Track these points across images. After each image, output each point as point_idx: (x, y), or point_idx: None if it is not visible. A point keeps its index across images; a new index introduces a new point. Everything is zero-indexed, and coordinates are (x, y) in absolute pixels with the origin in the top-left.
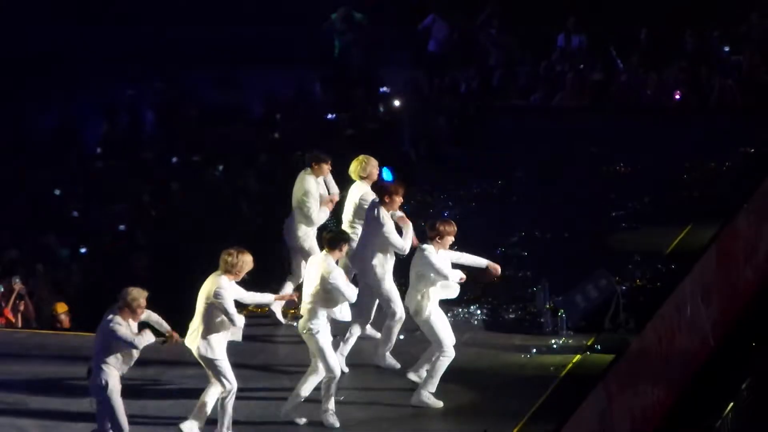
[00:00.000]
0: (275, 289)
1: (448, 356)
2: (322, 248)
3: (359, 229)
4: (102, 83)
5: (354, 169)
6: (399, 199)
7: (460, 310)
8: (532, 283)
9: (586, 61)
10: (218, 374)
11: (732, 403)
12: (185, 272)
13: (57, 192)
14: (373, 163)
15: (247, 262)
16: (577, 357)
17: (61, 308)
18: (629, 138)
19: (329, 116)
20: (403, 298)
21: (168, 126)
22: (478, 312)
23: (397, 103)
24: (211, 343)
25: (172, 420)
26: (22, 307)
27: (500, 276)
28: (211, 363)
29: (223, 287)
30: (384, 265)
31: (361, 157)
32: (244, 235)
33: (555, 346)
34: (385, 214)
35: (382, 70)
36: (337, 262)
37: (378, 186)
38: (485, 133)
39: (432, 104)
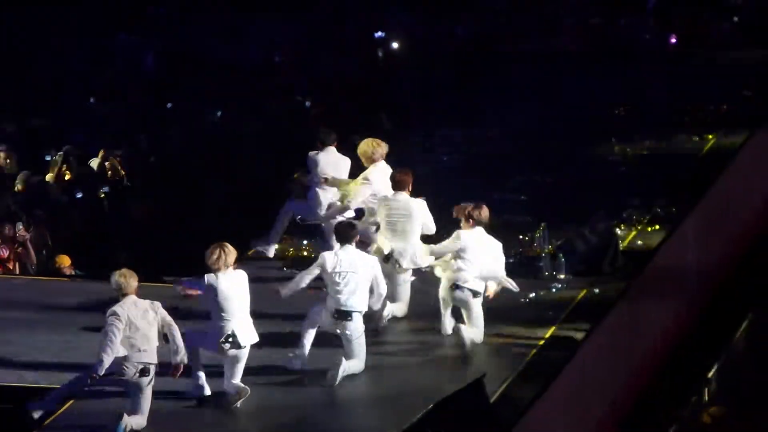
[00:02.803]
0: None
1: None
2: None
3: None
4: (100, 29)
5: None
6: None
7: None
8: (530, 227)
9: (585, 6)
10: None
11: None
12: (184, 219)
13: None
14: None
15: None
16: (577, 298)
17: (65, 261)
18: (628, 81)
19: (325, 63)
20: None
21: (167, 72)
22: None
23: (395, 45)
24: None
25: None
26: (22, 254)
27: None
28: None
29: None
30: None
31: (371, 140)
32: (244, 182)
33: (554, 289)
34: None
35: (379, 14)
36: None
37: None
38: (483, 78)
39: (430, 49)
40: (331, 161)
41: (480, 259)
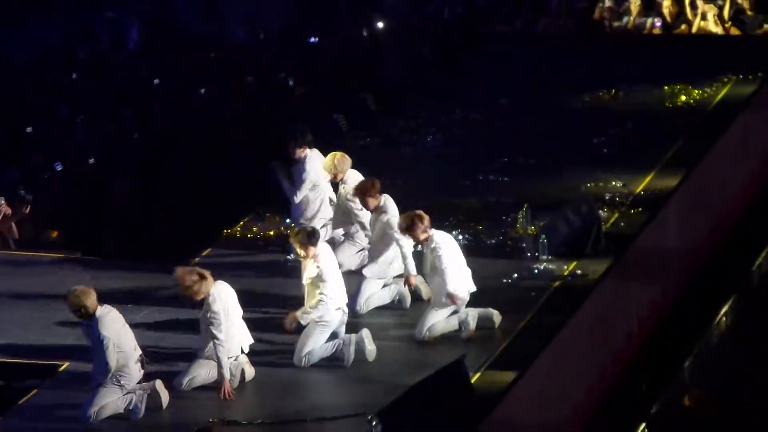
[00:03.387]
0: None
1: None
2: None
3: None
4: (83, 6)
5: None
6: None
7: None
8: (513, 208)
9: None
10: None
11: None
12: (166, 197)
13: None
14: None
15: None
16: (559, 281)
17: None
18: (613, 65)
19: (311, 40)
20: None
21: (151, 48)
22: (460, 237)
23: (380, 25)
24: None
25: None
26: (3, 229)
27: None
28: None
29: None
30: None
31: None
32: (228, 157)
33: (536, 271)
34: None
35: None
36: None
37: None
38: (469, 59)
39: (416, 30)
40: (318, 167)
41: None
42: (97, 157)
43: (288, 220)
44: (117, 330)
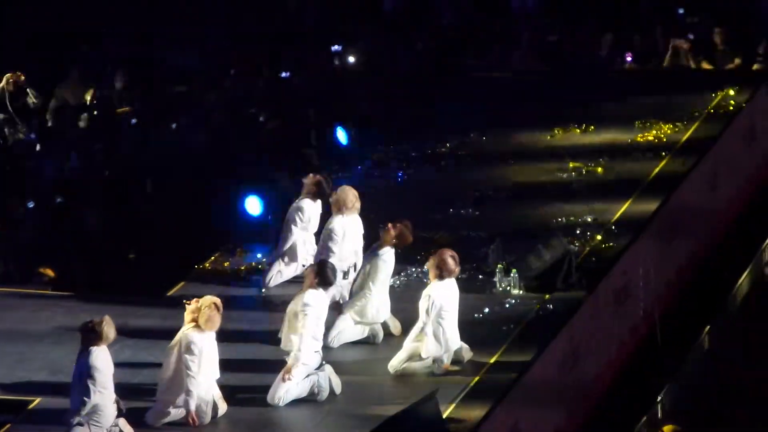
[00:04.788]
0: None
1: None
2: None
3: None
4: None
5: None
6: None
7: (414, 269)
8: (484, 242)
9: (542, 22)
10: None
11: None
12: (137, 231)
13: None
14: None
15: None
16: (531, 315)
17: (47, 271)
18: (583, 98)
19: (283, 74)
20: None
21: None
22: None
23: (351, 59)
24: None
25: None
26: None
27: None
28: None
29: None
30: None
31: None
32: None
33: (507, 305)
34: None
35: (336, 27)
36: None
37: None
38: (440, 92)
39: (387, 63)
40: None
41: None
42: (67, 192)
43: (260, 256)
44: (106, 370)
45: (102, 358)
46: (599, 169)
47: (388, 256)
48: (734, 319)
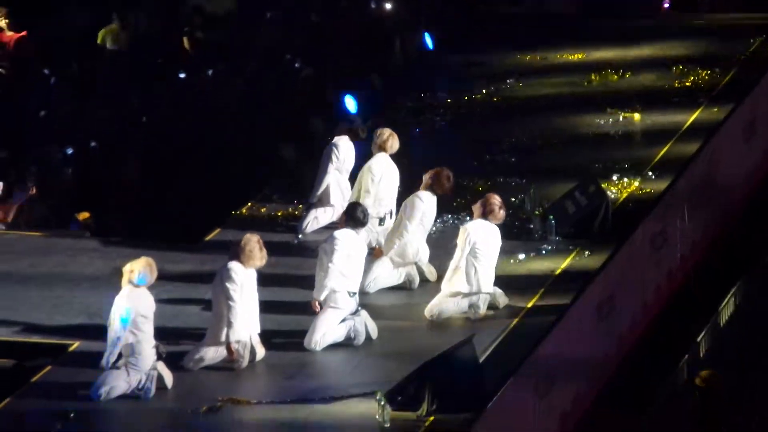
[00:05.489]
0: None
1: None
2: None
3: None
4: None
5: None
6: None
7: (450, 216)
8: (521, 189)
9: None
10: None
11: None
12: (175, 178)
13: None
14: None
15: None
16: (567, 262)
17: (85, 216)
18: (621, 43)
19: (316, 20)
20: None
21: (159, 30)
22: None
23: (388, 6)
24: None
25: None
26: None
27: None
28: None
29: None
30: None
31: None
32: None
33: (544, 252)
34: None
35: None
36: None
37: None
38: (475, 38)
39: (422, 9)
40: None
41: None
42: (105, 140)
43: (296, 202)
44: (143, 311)
45: (132, 297)
46: (636, 115)
47: (426, 197)
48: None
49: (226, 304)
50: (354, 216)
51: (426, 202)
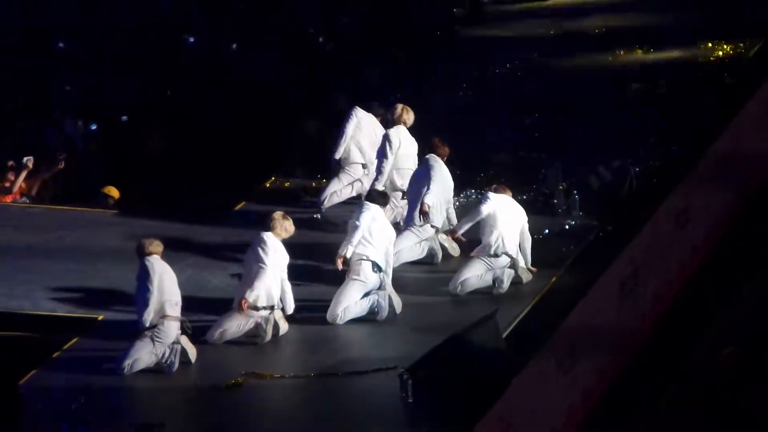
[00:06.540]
0: None
1: None
2: None
3: None
4: None
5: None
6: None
7: (473, 191)
8: (544, 164)
9: None
10: None
11: None
12: (201, 151)
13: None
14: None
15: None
16: (591, 236)
17: (112, 191)
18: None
19: None
20: None
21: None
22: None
23: None
24: None
25: None
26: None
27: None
28: None
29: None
30: None
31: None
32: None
33: (567, 227)
34: None
35: None
36: None
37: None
38: (500, 12)
39: None
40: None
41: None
42: (130, 113)
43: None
44: (161, 278)
45: (152, 267)
46: (661, 90)
47: (437, 163)
48: None
49: (256, 267)
50: (373, 197)
51: (436, 168)
